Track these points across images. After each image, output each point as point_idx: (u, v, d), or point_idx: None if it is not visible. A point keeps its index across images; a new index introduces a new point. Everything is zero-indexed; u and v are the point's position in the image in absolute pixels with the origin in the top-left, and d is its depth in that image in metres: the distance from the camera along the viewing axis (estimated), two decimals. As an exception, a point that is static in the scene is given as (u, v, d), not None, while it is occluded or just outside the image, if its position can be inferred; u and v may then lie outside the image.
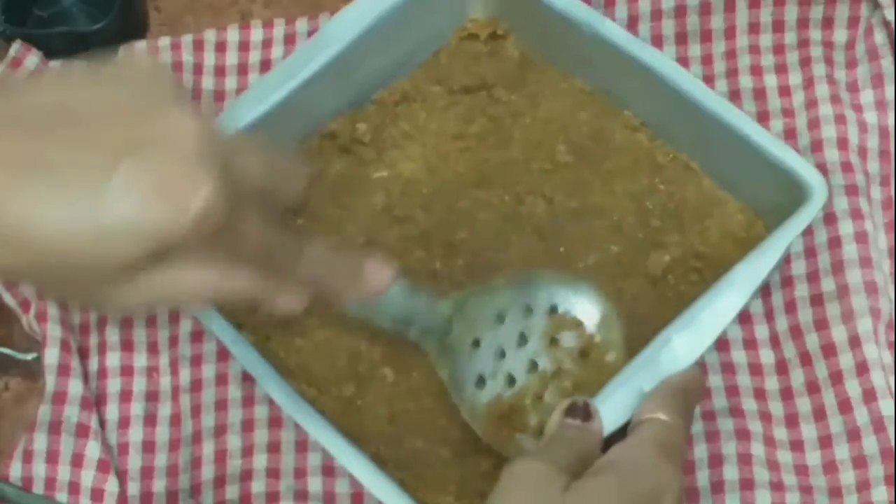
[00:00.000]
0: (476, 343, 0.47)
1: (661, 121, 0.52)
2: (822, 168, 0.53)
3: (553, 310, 0.47)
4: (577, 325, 0.47)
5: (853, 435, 0.49)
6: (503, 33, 0.56)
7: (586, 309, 0.47)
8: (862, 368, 0.49)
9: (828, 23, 0.56)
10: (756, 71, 0.56)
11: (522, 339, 0.47)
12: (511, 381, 0.47)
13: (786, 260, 0.52)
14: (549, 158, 0.53)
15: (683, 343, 0.44)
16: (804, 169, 0.48)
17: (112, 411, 0.52)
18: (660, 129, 0.53)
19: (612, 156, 0.53)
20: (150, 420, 0.52)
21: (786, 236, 0.46)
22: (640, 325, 0.48)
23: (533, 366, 0.47)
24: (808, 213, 0.47)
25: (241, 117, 0.50)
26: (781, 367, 0.51)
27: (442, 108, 0.55)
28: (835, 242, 0.51)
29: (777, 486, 0.48)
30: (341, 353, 0.50)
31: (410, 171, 0.54)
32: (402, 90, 0.55)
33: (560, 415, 0.43)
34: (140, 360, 0.53)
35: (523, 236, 0.52)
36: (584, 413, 0.43)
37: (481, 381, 0.47)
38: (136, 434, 0.52)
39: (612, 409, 0.43)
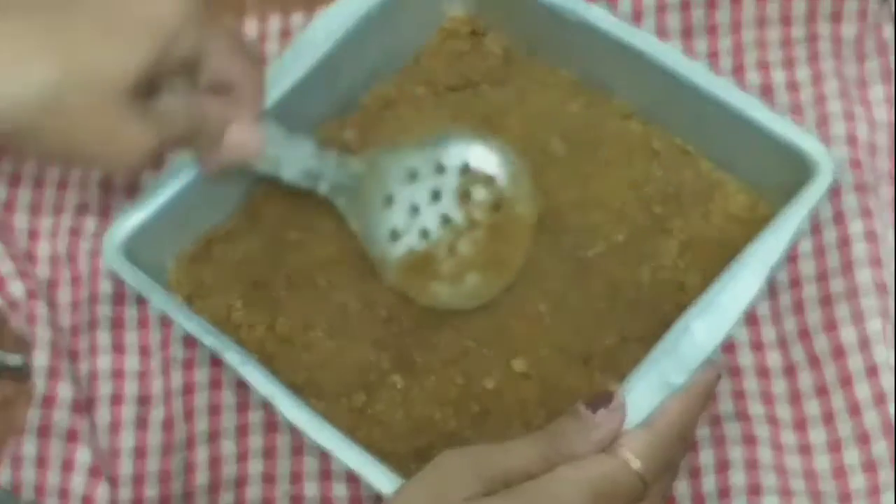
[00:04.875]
0: (388, 200, 0.49)
1: (654, 105, 0.52)
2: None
3: (465, 167, 0.50)
4: (489, 180, 0.49)
5: (863, 439, 0.48)
6: (484, 30, 0.56)
7: (497, 165, 0.50)
8: (872, 371, 0.49)
9: (836, 17, 0.55)
10: (763, 66, 0.55)
11: (435, 196, 0.49)
12: (425, 234, 0.49)
13: (793, 259, 0.51)
14: (542, 152, 0.53)
15: (703, 329, 0.43)
16: (807, 142, 0.47)
17: (103, 415, 0.52)
18: (652, 114, 0.52)
19: (606, 145, 0.52)
20: (141, 424, 0.52)
21: (797, 212, 0.46)
22: (653, 313, 0.48)
23: (446, 220, 0.49)
24: (818, 188, 0.46)
25: None
26: (789, 370, 0.50)
27: (429, 109, 0.55)
28: (844, 241, 0.51)
29: (785, 492, 0.48)
30: (350, 364, 0.49)
31: None
32: (387, 93, 0.55)
33: (574, 406, 0.41)
34: (131, 363, 0.53)
35: None
36: (601, 403, 0.40)
37: (395, 236, 0.49)
38: (127, 439, 0.51)
39: (634, 401, 0.42)
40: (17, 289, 0.53)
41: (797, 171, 0.47)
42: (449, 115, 0.54)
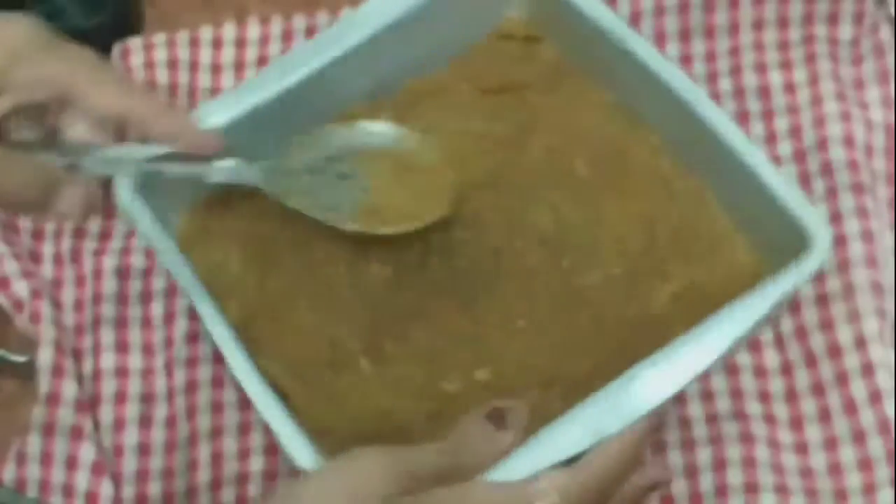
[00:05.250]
0: (306, 193, 0.49)
1: (683, 145, 0.50)
2: (828, 166, 0.52)
3: (353, 150, 0.50)
4: (383, 151, 0.50)
5: (858, 437, 0.48)
6: (539, 36, 0.54)
7: (380, 136, 0.50)
8: (867, 370, 0.49)
9: (833, 19, 0.55)
10: (760, 68, 0.55)
11: (343, 178, 0.49)
12: (365, 190, 0.49)
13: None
14: (564, 168, 0.51)
15: (652, 382, 0.42)
16: (809, 216, 0.45)
17: (106, 413, 0.52)
18: (681, 153, 0.51)
19: (629, 175, 0.51)
20: (144, 422, 0.52)
21: (778, 288, 0.44)
22: (630, 354, 0.45)
23: (364, 189, 0.49)
24: (806, 268, 0.44)
25: (263, 89, 0.49)
26: (786, 369, 0.50)
27: (464, 106, 0.53)
28: (840, 241, 0.51)
29: (782, 490, 0.48)
30: (323, 339, 0.49)
31: None
32: (430, 84, 0.54)
33: (477, 415, 0.41)
34: (135, 361, 0.53)
35: (526, 243, 0.51)
36: (498, 421, 0.40)
37: (330, 209, 0.49)
38: (130, 436, 0.51)
39: (561, 442, 0.40)
40: (21, 288, 0.53)
41: (800, 240, 0.45)
42: (482, 115, 0.53)
